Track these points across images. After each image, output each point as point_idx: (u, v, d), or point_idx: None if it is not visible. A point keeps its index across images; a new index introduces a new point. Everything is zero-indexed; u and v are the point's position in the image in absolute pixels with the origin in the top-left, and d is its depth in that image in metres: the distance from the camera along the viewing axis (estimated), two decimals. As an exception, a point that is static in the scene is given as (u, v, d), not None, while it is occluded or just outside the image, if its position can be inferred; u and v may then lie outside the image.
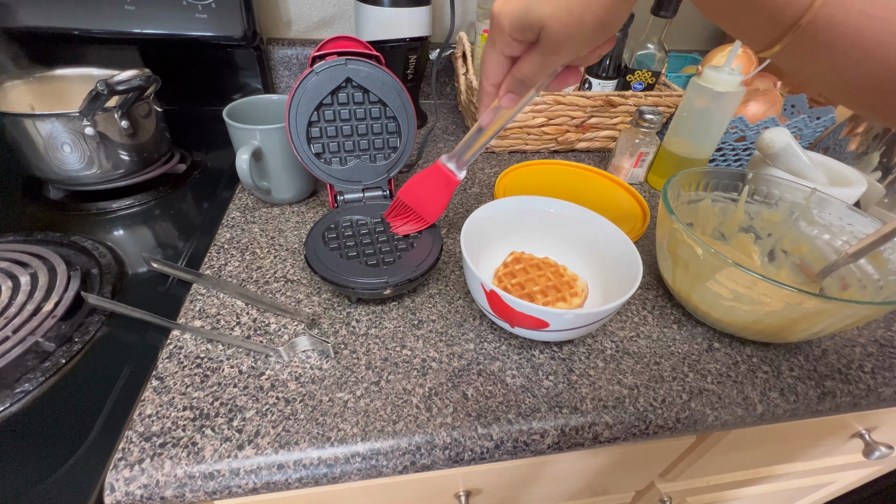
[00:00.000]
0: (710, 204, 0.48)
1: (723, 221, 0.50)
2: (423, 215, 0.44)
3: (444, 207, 0.43)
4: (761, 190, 0.48)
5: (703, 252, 0.36)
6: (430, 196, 0.43)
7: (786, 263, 0.47)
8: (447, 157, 0.41)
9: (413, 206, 0.44)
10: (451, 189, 0.42)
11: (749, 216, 0.49)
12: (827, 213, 0.45)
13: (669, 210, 0.39)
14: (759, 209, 0.48)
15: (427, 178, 0.43)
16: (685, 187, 0.46)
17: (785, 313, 0.35)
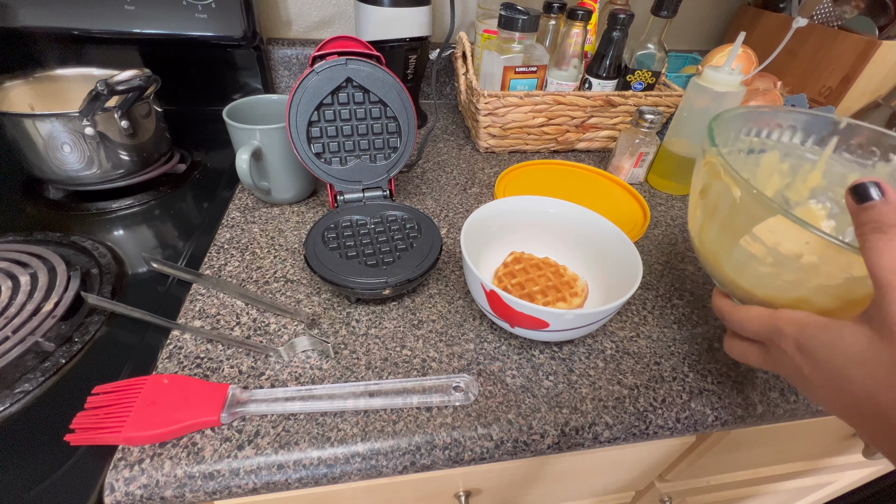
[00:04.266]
0: (779, 158, 0.36)
1: (790, 184, 0.37)
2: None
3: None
4: (855, 145, 0.34)
5: (743, 193, 0.27)
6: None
7: None
8: None
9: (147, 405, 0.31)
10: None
11: (829, 180, 0.36)
12: None
13: (711, 139, 0.29)
14: (845, 171, 0.35)
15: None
16: (746, 128, 0.34)
17: (844, 289, 0.25)
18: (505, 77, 0.64)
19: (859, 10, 0.72)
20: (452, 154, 0.69)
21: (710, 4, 0.91)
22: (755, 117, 0.35)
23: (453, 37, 0.71)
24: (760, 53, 0.71)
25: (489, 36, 0.70)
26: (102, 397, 0.31)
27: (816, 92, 0.76)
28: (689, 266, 0.50)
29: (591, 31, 0.70)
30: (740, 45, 0.51)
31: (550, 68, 0.67)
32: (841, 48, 0.71)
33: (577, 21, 0.63)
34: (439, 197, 0.58)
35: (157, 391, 0.32)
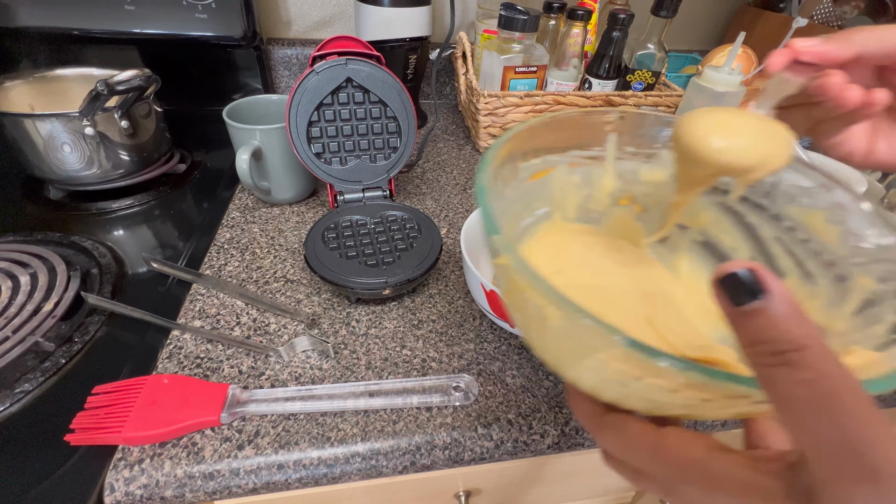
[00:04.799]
0: (567, 172, 0.30)
1: (589, 195, 0.32)
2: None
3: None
4: (635, 137, 0.30)
5: (563, 318, 0.18)
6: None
7: (683, 244, 0.32)
8: None
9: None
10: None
11: (623, 180, 0.32)
12: None
13: (489, 221, 0.19)
14: (635, 167, 0.31)
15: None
16: (526, 154, 0.28)
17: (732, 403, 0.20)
18: (505, 77, 0.64)
19: (859, 10, 0.72)
20: (452, 154, 0.69)
21: (710, 4, 0.91)
22: (531, 135, 0.27)
23: (453, 37, 0.71)
24: (760, 53, 0.71)
25: (489, 36, 0.70)
26: (102, 397, 0.31)
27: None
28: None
29: (591, 31, 0.70)
30: (740, 45, 0.51)
31: (550, 68, 0.67)
32: (841, 48, 0.71)
33: (577, 21, 0.63)
34: (439, 197, 0.58)
35: (157, 391, 0.32)
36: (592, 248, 0.32)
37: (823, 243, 0.25)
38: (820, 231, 0.25)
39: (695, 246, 0.31)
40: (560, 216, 0.32)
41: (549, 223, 0.32)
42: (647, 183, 0.31)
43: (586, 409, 0.22)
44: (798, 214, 0.26)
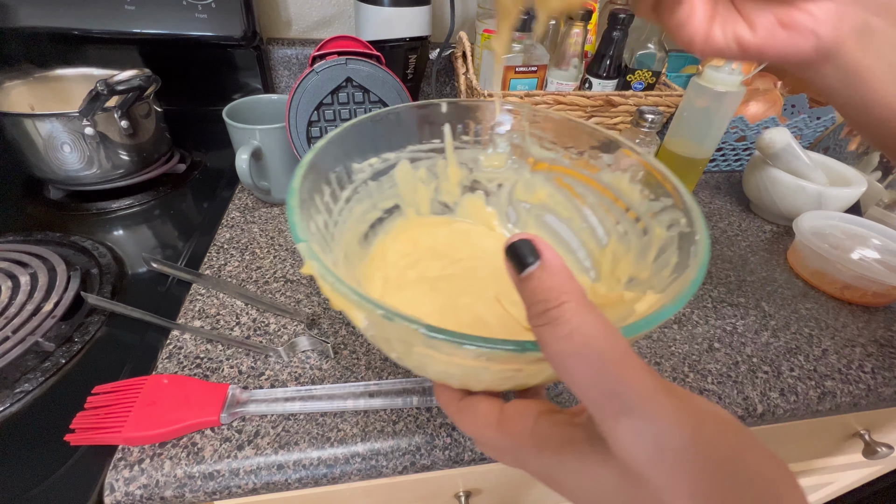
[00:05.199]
0: (410, 168, 0.32)
1: (438, 187, 0.34)
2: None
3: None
4: (467, 125, 0.32)
5: (369, 318, 0.18)
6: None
7: (530, 220, 0.35)
8: None
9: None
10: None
11: (468, 168, 0.34)
12: (547, 130, 0.33)
13: (293, 229, 0.20)
14: (474, 154, 0.34)
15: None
16: (356, 154, 0.29)
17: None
18: (505, 77, 0.64)
19: (859, 9, 0.72)
20: (452, 154, 0.69)
21: (710, 4, 0.91)
22: (348, 141, 0.28)
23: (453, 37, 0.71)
24: (760, 53, 0.71)
25: (489, 36, 0.70)
26: (102, 397, 0.31)
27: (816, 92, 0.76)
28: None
29: (592, 30, 0.70)
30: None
31: (550, 68, 0.67)
32: (841, 48, 0.71)
33: (578, 21, 0.63)
34: (439, 197, 0.58)
35: (157, 391, 0.32)
36: (447, 237, 0.35)
37: (630, 202, 0.30)
38: (626, 192, 0.30)
39: (539, 221, 0.35)
40: (413, 211, 0.34)
41: (404, 220, 0.33)
42: (489, 168, 0.35)
43: (444, 396, 0.23)
44: (611, 180, 0.31)
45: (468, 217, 0.36)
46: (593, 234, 0.32)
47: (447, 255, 0.33)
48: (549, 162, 0.33)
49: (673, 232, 0.25)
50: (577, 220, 0.33)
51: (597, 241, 0.32)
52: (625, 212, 0.30)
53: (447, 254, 0.33)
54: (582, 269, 0.33)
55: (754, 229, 0.58)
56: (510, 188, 0.35)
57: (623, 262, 0.29)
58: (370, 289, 0.29)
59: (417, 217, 0.35)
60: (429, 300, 0.30)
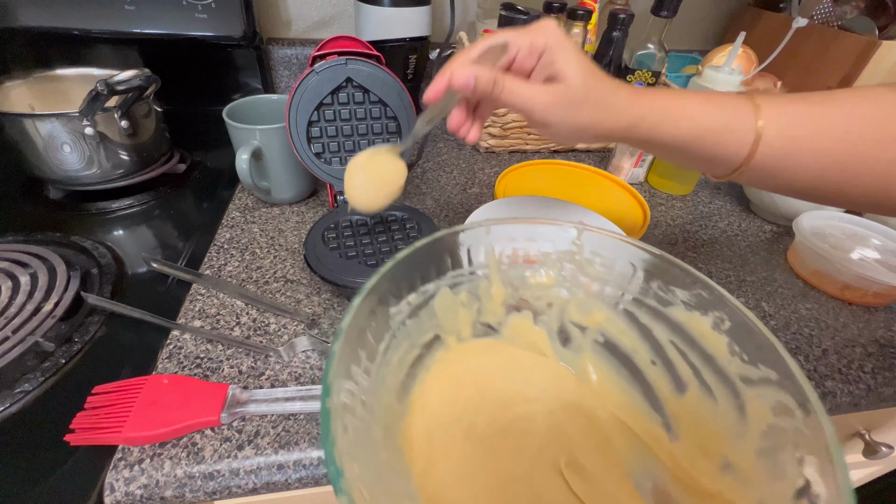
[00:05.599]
0: (451, 293, 0.29)
1: (480, 308, 0.31)
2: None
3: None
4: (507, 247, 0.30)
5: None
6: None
7: (586, 344, 0.31)
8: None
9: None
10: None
11: (513, 287, 0.31)
12: (607, 257, 0.29)
13: (326, 390, 0.18)
14: (520, 273, 0.31)
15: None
16: (392, 297, 0.26)
17: None
18: (505, 77, 0.63)
19: (859, 10, 0.72)
20: (452, 154, 0.69)
21: (710, 4, 0.91)
22: (393, 277, 0.25)
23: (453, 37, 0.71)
24: (760, 53, 0.71)
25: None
26: (102, 397, 0.31)
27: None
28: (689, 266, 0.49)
29: (591, 31, 0.70)
30: (740, 45, 0.51)
31: (550, 68, 0.67)
32: (841, 48, 0.71)
33: (578, 21, 0.63)
34: (439, 197, 0.58)
35: (157, 391, 0.32)
36: (494, 373, 0.30)
37: (713, 353, 0.25)
38: (707, 339, 0.25)
39: (598, 347, 0.31)
40: (454, 339, 0.31)
41: (444, 351, 0.30)
42: (538, 286, 0.31)
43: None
44: (684, 319, 0.26)
45: (515, 339, 0.32)
46: (666, 375, 0.27)
47: (496, 398, 0.29)
48: (607, 285, 0.30)
49: (783, 423, 0.20)
50: (643, 353, 0.28)
51: (672, 387, 0.27)
52: (707, 363, 0.25)
53: (496, 397, 0.29)
54: (655, 419, 0.27)
55: (754, 229, 0.58)
56: (562, 308, 0.31)
57: (710, 429, 0.24)
58: (413, 457, 0.25)
59: (459, 345, 0.31)
60: (480, 473, 0.25)
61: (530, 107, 0.29)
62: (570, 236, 0.29)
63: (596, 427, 0.28)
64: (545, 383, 0.30)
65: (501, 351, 0.32)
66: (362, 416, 0.21)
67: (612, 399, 0.29)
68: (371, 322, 0.24)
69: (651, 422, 0.27)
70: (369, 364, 0.23)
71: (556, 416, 0.28)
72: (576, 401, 0.29)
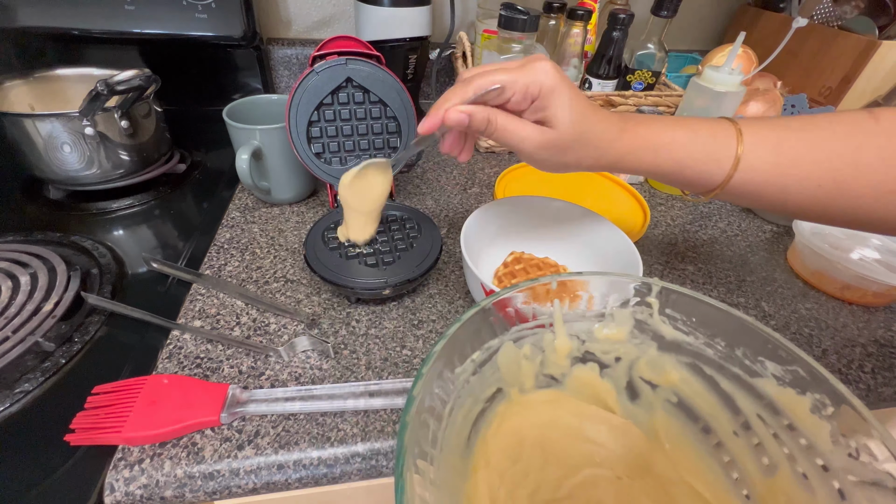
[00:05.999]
0: (514, 347, 0.29)
1: (544, 361, 0.30)
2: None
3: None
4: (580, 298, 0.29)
5: None
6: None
7: (657, 402, 0.29)
8: None
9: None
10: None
11: (579, 339, 0.30)
12: (684, 312, 0.27)
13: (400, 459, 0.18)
14: (588, 326, 0.30)
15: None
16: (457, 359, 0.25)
17: None
18: (505, 77, 0.63)
19: (859, 10, 0.72)
20: (452, 154, 0.69)
21: (710, 4, 0.91)
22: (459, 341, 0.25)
23: (453, 37, 0.71)
24: (760, 53, 0.71)
25: (489, 36, 0.70)
26: (102, 397, 0.31)
27: (816, 92, 0.76)
28: (689, 266, 0.50)
29: (591, 31, 0.70)
30: (740, 45, 0.51)
31: (550, 68, 0.67)
32: (841, 48, 0.71)
33: (578, 21, 0.63)
34: (439, 197, 0.58)
35: (157, 391, 0.32)
36: (558, 428, 0.29)
37: (812, 440, 0.22)
38: (804, 422, 0.22)
39: (670, 407, 0.28)
40: (517, 391, 0.30)
41: (506, 403, 0.29)
42: (606, 340, 0.30)
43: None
44: (775, 394, 0.23)
45: (579, 391, 0.30)
46: (752, 452, 0.24)
47: (561, 459, 0.27)
48: (684, 345, 0.27)
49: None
50: (725, 423, 0.25)
51: (758, 465, 0.24)
52: (804, 449, 0.22)
53: (561, 457, 0.28)
54: (737, 495, 0.24)
55: (754, 229, 0.58)
56: (631, 363, 0.29)
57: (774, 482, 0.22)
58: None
59: (521, 396, 0.29)
60: None
61: (521, 146, 0.31)
62: (644, 292, 0.28)
63: (668, 497, 0.26)
64: (613, 443, 0.28)
65: (565, 404, 0.30)
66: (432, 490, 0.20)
67: (686, 465, 0.26)
68: (438, 384, 0.23)
69: (731, 496, 0.24)
70: (437, 429, 0.22)
71: (624, 483, 0.26)
72: (646, 464, 0.27)
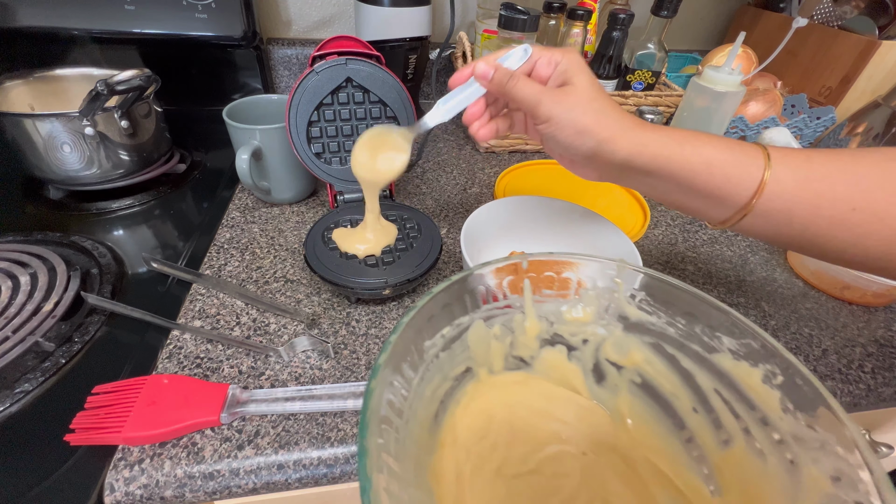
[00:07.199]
0: (485, 326, 0.29)
1: (513, 342, 0.31)
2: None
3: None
4: (537, 279, 0.29)
5: None
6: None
7: (622, 384, 0.30)
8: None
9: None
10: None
11: (548, 321, 0.31)
12: (648, 292, 0.28)
13: (363, 458, 0.18)
14: (556, 307, 0.30)
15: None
16: (427, 333, 0.26)
17: None
18: (505, 77, 0.63)
19: (859, 10, 0.72)
20: (452, 154, 0.69)
21: (710, 4, 0.91)
22: (428, 314, 0.25)
23: (453, 37, 0.71)
24: (760, 53, 0.71)
25: (489, 36, 0.70)
26: (102, 397, 0.31)
27: (816, 92, 0.76)
28: (689, 266, 0.50)
29: (591, 31, 0.70)
30: (740, 45, 0.51)
31: (550, 68, 0.67)
32: (841, 48, 0.71)
33: (578, 21, 0.63)
34: (439, 197, 0.58)
35: (157, 391, 0.32)
36: (526, 407, 0.30)
37: (764, 410, 0.23)
38: (757, 393, 0.23)
39: (635, 388, 0.29)
40: (486, 371, 0.30)
41: (475, 383, 0.30)
42: (574, 322, 0.30)
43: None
44: (731, 368, 0.24)
45: (547, 373, 0.31)
46: (710, 427, 0.25)
47: (528, 436, 0.28)
48: (648, 326, 0.28)
49: (843, 494, 0.18)
50: (684, 399, 0.27)
51: (715, 439, 0.25)
52: (757, 419, 0.23)
53: (528, 434, 0.28)
54: (697, 471, 0.25)
55: (754, 229, 0.58)
56: (597, 345, 0.30)
57: (758, 489, 0.22)
58: (442, 494, 0.24)
59: (490, 377, 0.30)
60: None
61: (538, 99, 0.31)
62: (610, 273, 0.28)
63: (632, 473, 0.26)
64: (578, 422, 0.29)
65: (534, 385, 0.31)
66: (395, 454, 0.21)
67: (648, 444, 0.28)
68: (407, 357, 0.23)
69: (691, 473, 0.25)
70: (402, 402, 0.23)
71: (589, 459, 0.27)
72: (610, 443, 0.28)
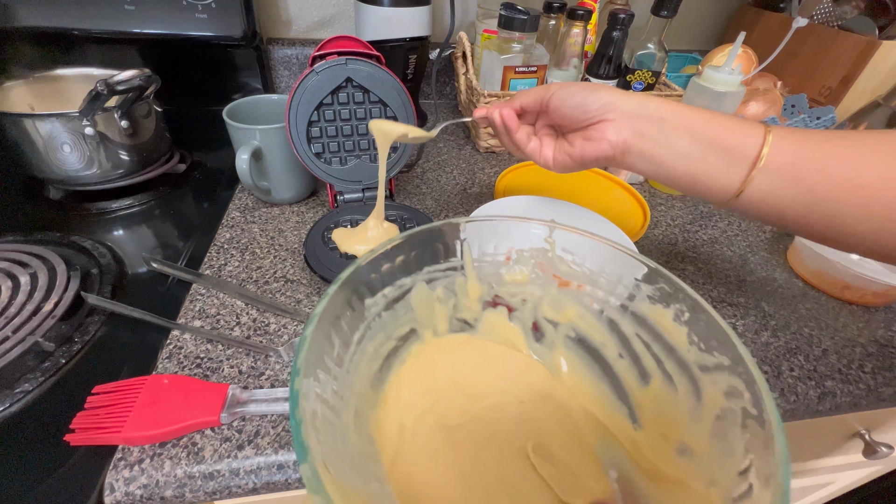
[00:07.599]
0: (427, 288, 0.30)
1: (456, 304, 0.32)
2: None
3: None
4: (484, 243, 0.31)
5: None
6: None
7: (559, 340, 0.31)
8: None
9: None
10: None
11: (489, 284, 0.32)
12: (578, 254, 0.30)
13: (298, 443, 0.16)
14: (496, 269, 0.32)
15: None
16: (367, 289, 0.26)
17: None
18: (505, 77, 0.64)
19: (859, 10, 0.72)
20: (452, 154, 0.69)
21: (710, 4, 0.91)
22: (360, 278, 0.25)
23: (453, 37, 0.71)
24: (760, 53, 0.71)
25: (489, 36, 0.70)
26: (102, 397, 0.31)
27: (816, 92, 0.76)
28: (689, 266, 0.49)
29: (591, 30, 0.70)
30: (740, 45, 0.51)
31: (550, 68, 0.67)
32: (841, 48, 0.71)
33: (577, 21, 0.63)
34: (439, 197, 0.58)
35: (157, 391, 0.32)
36: (468, 365, 0.31)
37: (674, 345, 0.25)
38: (669, 331, 0.26)
39: (569, 342, 0.31)
40: (431, 333, 0.31)
41: (420, 344, 0.31)
42: (513, 283, 0.32)
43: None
44: (648, 311, 0.27)
45: (490, 334, 0.33)
46: (632, 368, 0.28)
47: (468, 390, 0.30)
48: (577, 280, 0.30)
49: (733, 405, 0.21)
50: (612, 347, 0.29)
51: (637, 379, 0.28)
52: (669, 354, 0.26)
53: (468, 389, 0.30)
54: (622, 410, 0.28)
55: (754, 229, 0.58)
56: (535, 304, 0.32)
57: (670, 416, 0.25)
58: (384, 444, 0.25)
59: (435, 339, 0.31)
60: (449, 458, 0.26)
61: (545, 85, 0.36)
62: (541, 234, 0.30)
63: (565, 416, 0.29)
64: (518, 376, 0.31)
65: (477, 346, 0.33)
66: (333, 402, 0.21)
67: (582, 392, 0.30)
68: (346, 312, 0.24)
69: (617, 412, 0.28)
70: (342, 352, 0.24)
71: (526, 406, 0.29)
72: (547, 392, 0.30)
